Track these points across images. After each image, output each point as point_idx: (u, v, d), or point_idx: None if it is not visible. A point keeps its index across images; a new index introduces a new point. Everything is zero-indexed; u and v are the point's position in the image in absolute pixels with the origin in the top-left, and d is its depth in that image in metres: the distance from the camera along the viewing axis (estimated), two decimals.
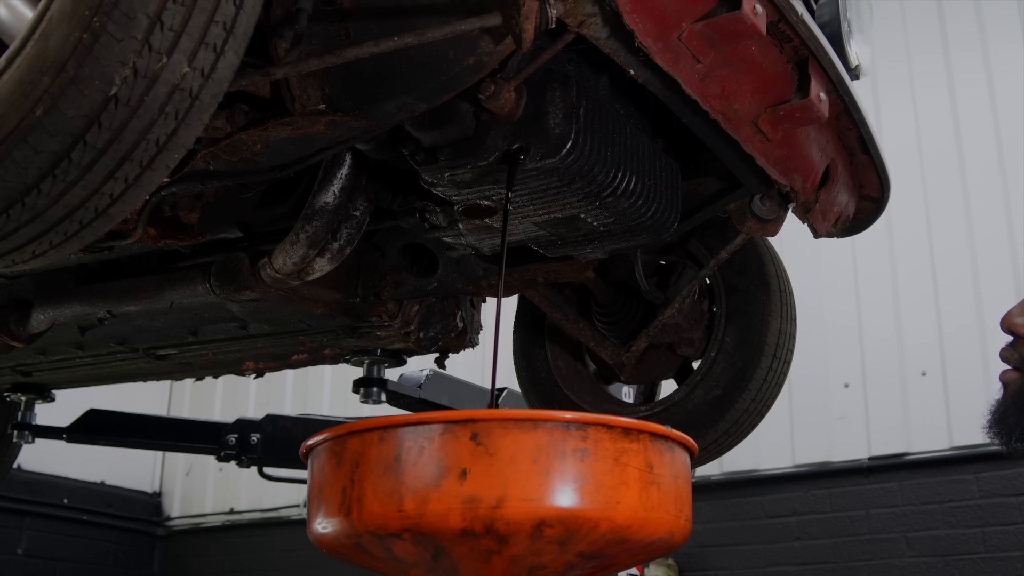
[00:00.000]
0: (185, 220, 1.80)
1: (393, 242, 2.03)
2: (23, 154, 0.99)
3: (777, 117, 1.60)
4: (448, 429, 1.17)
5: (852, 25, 1.85)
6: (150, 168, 1.06)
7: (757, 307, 2.11)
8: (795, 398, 4.96)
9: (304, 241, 1.70)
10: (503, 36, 1.25)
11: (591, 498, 1.17)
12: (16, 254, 1.11)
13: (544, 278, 1.98)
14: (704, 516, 5.07)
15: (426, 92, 1.34)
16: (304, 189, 1.76)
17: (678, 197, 1.77)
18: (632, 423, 1.23)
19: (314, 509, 1.28)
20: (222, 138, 1.44)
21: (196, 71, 1.00)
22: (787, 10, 1.45)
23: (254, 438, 3.13)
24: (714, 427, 2.12)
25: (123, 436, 3.35)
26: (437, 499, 1.15)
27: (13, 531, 6.26)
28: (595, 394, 2.34)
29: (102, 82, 0.96)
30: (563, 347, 2.37)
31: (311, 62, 1.28)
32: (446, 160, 1.53)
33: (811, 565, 4.94)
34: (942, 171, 5.09)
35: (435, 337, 2.22)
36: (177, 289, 1.92)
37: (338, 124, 1.38)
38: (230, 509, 6.96)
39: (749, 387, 2.09)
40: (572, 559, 1.23)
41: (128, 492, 7.06)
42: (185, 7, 0.97)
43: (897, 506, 4.81)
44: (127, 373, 2.57)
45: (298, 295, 1.95)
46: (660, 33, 1.34)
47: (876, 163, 1.92)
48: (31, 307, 2.08)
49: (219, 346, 2.30)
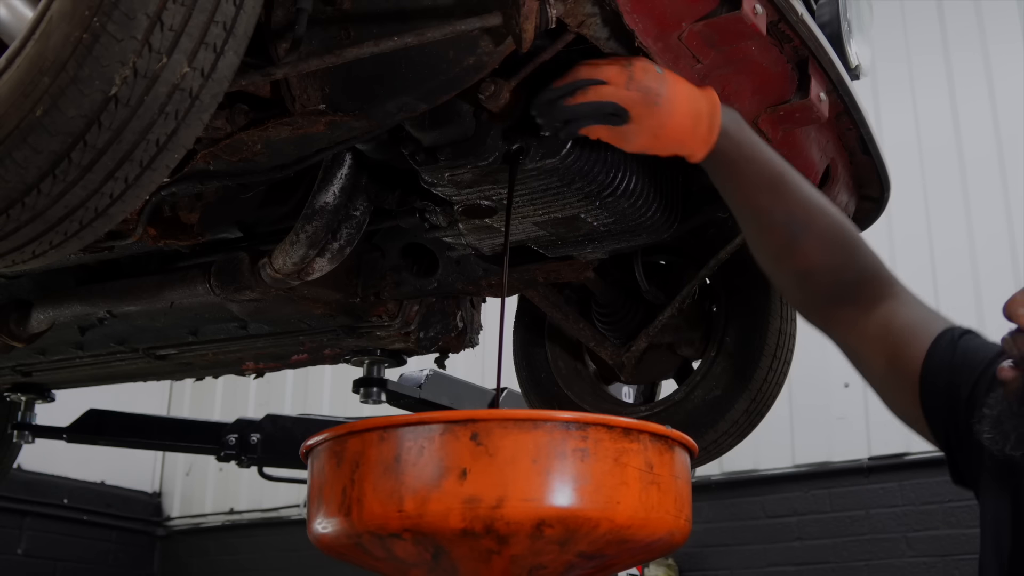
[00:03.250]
0: (185, 220, 1.80)
1: (393, 242, 2.03)
2: (23, 154, 0.99)
3: (777, 117, 1.60)
4: (448, 429, 1.17)
5: (852, 25, 1.85)
6: (150, 168, 1.06)
7: (757, 307, 2.11)
8: (795, 398, 4.96)
9: (304, 241, 1.70)
10: (503, 36, 1.25)
11: (591, 498, 1.18)
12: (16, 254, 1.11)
13: (544, 278, 1.98)
14: (704, 516, 5.07)
15: (426, 92, 1.34)
16: (304, 189, 1.76)
17: (678, 197, 1.77)
18: (632, 423, 1.23)
19: (314, 509, 1.28)
20: (222, 138, 1.44)
21: (196, 71, 1.01)
22: (787, 10, 1.45)
23: (254, 438, 3.13)
24: (714, 427, 2.11)
25: (123, 436, 3.35)
26: (437, 499, 1.15)
27: (13, 531, 6.26)
28: (595, 394, 2.34)
29: (102, 82, 0.96)
30: (563, 347, 2.37)
31: (311, 62, 1.28)
32: (446, 160, 1.53)
33: (811, 565, 4.94)
34: (942, 171, 5.09)
35: (435, 337, 2.22)
36: (177, 289, 1.92)
37: (338, 124, 1.39)
38: (230, 509, 6.96)
39: (749, 387, 2.09)
40: (572, 559, 1.23)
41: (128, 492, 7.07)
42: (185, 7, 0.97)
43: (897, 506, 4.81)
44: (127, 373, 2.57)
45: (298, 295, 1.95)
46: (660, 33, 1.34)
47: (876, 163, 1.92)
48: (31, 307, 2.08)
49: (219, 346, 2.30)
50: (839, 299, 1.41)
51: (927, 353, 1.33)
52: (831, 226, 1.41)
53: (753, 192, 1.41)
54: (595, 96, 1.33)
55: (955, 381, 1.29)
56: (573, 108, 1.35)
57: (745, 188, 1.41)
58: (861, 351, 1.41)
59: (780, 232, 1.41)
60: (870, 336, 1.40)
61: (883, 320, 1.38)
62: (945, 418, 1.31)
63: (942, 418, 1.31)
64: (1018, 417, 1.17)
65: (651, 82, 1.33)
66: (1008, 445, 1.17)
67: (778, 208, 1.40)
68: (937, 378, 1.31)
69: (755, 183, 1.40)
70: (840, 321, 1.43)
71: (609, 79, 1.33)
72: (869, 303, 1.39)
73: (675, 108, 1.34)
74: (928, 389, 1.32)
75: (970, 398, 1.26)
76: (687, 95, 1.35)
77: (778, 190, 1.40)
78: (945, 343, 1.32)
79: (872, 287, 1.40)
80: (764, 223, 1.43)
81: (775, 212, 1.40)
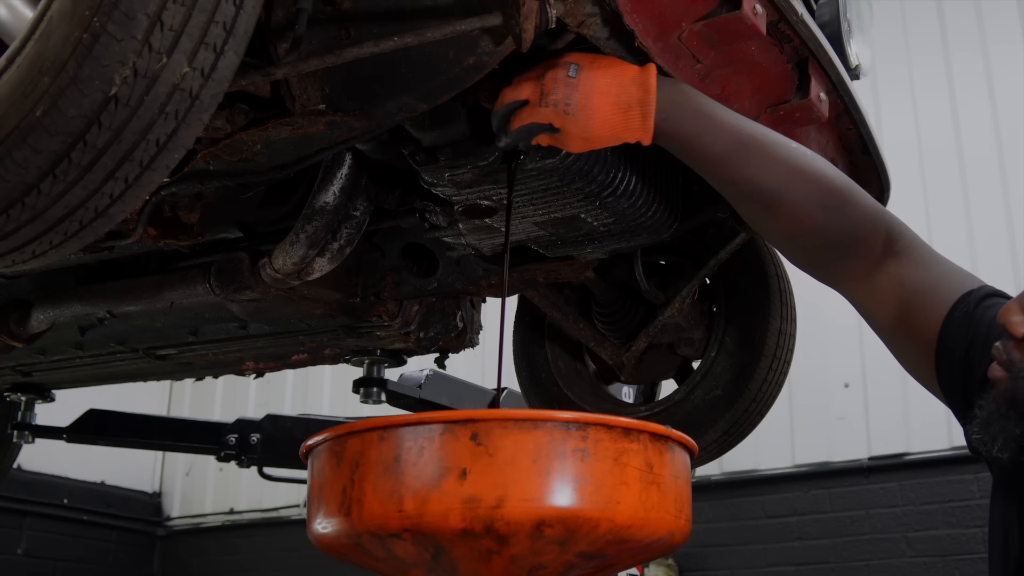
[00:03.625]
0: (185, 220, 1.80)
1: (393, 242, 2.03)
2: (23, 154, 0.99)
3: (777, 117, 1.60)
4: (448, 429, 1.17)
5: (852, 25, 1.84)
6: (150, 168, 1.06)
7: (757, 307, 2.11)
8: (795, 398, 4.96)
9: (304, 241, 1.70)
10: (503, 36, 1.26)
11: (591, 498, 1.18)
12: (16, 254, 1.11)
13: (544, 278, 1.98)
14: (704, 516, 5.07)
15: (426, 92, 1.34)
16: (304, 189, 1.76)
17: (678, 197, 1.77)
18: (632, 423, 1.23)
19: (314, 509, 1.28)
20: (222, 138, 1.44)
21: (196, 71, 1.01)
22: (787, 10, 1.45)
23: (254, 438, 3.13)
24: (714, 427, 2.11)
25: (123, 436, 3.35)
26: (437, 499, 1.15)
27: (13, 531, 6.26)
28: (595, 394, 2.34)
29: (102, 82, 0.96)
30: (563, 347, 2.37)
31: (311, 62, 1.28)
32: (446, 160, 1.53)
33: (811, 565, 4.94)
34: (942, 171, 5.10)
35: (435, 337, 2.22)
36: (177, 289, 1.92)
37: (338, 124, 1.39)
38: (230, 509, 6.96)
39: (749, 387, 2.09)
40: (572, 559, 1.23)
41: (128, 492, 7.07)
42: (185, 7, 0.97)
43: (897, 506, 4.81)
44: (127, 373, 2.57)
45: (298, 295, 1.95)
46: (660, 33, 1.34)
47: (876, 163, 1.92)
48: (31, 307, 2.08)
49: (219, 346, 2.30)
50: (836, 257, 1.36)
51: (943, 324, 1.28)
52: (809, 189, 1.35)
53: (713, 166, 1.36)
54: (519, 121, 1.36)
55: (971, 358, 1.25)
56: (512, 134, 1.37)
57: (704, 163, 1.37)
58: (869, 306, 1.36)
59: (753, 201, 1.37)
60: (877, 293, 1.34)
61: (892, 278, 1.33)
62: (961, 395, 1.27)
63: (959, 393, 1.27)
64: (1005, 419, 1.14)
65: (560, 93, 1.33)
66: (995, 447, 1.15)
67: (743, 178, 1.35)
68: (953, 353, 1.27)
69: (712, 157, 1.35)
70: (843, 277, 1.38)
71: (528, 97, 1.35)
72: (873, 258, 1.34)
73: (594, 110, 1.32)
74: (944, 362, 1.28)
75: (983, 379, 1.21)
76: (609, 91, 1.33)
77: (740, 161, 1.34)
78: (961, 314, 1.27)
79: (871, 244, 1.34)
80: (732, 193, 1.39)
81: (740, 183, 1.36)
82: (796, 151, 1.37)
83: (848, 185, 1.38)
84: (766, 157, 1.35)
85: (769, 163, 1.35)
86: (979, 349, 1.25)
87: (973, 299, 1.28)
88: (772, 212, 1.36)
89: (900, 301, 1.33)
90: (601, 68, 1.34)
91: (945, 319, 1.29)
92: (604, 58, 1.35)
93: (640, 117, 1.33)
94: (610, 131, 1.33)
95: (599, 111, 1.32)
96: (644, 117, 1.33)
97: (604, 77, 1.33)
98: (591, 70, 1.33)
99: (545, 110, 1.33)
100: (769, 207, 1.36)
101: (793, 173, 1.35)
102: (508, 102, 1.36)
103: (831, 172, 1.38)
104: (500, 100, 1.38)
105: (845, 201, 1.36)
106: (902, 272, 1.33)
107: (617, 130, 1.33)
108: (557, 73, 1.34)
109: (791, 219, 1.35)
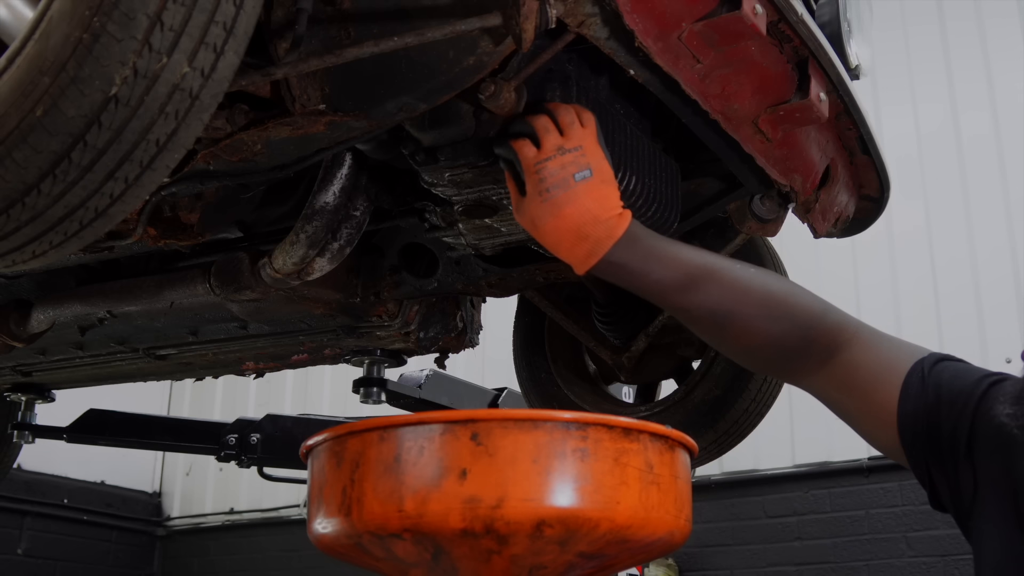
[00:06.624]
0: (185, 220, 1.80)
1: (393, 242, 2.03)
2: (23, 154, 0.99)
3: (777, 117, 1.60)
4: (448, 429, 1.17)
5: (852, 25, 1.85)
6: (150, 168, 1.06)
7: None
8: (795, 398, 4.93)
9: (304, 241, 1.70)
10: (503, 36, 1.25)
11: (591, 498, 1.18)
12: (16, 254, 1.11)
13: (544, 278, 1.98)
14: (704, 516, 5.08)
15: (426, 92, 1.34)
16: (304, 189, 1.76)
17: (678, 197, 1.77)
18: (632, 423, 1.23)
19: (314, 509, 1.28)
20: (222, 138, 1.44)
21: (196, 71, 1.00)
22: (787, 10, 1.45)
23: (254, 438, 3.13)
24: (714, 427, 2.12)
25: (123, 436, 3.35)
26: (437, 499, 1.15)
27: (13, 531, 6.26)
28: (595, 394, 2.34)
29: (102, 82, 0.95)
30: (563, 347, 2.37)
31: (311, 62, 1.28)
32: (446, 160, 1.53)
33: (811, 565, 4.95)
34: (942, 171, 5.10)
35: (435, 337, 2.23)
36: (177, 289, 1.92)
37: (338, 124, 1.38)
38: (230, 509, 6.97)
39: (749, 387, 2.09)
40: (572, 559, 1.23)
41: (128, 492, 7.07)
42: (185, 7, 0.97)
43: (897, 506, 4.82)
44: (127, 373, 2.57)
45: (298, 295, 1.95)
46: (660, 33, 1.34)
47: (876, 163, 1.92)
48: (31, 307, 2.08)
49: (219, 346, 2.30)
50: (793, 359, 1.41)
51: (900, 397, 1.32)
52: (758, 304, 1.39)
53: (664, 296, 1.41)
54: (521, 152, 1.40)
55: (933, 421, 1.28)
56: (505, 147, 1.42)
57: (654, 295, 1.42)
58: (831, 395, 1.41)
59: (706, 323, 1.41)
60: (835, 383, 1.39)
61: (846, 366, 1.37)
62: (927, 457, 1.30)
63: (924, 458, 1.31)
64: None
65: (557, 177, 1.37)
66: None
67: (694, 305, 1.40)
68: (916, 421, 1.30)
69: (662, 290, 1.40)
70: (802, 375, 1.42)
71: (542, 148, 1.39)
72: (826, 354, 1.38)
73: (560, 216, 1.37)
74: (907, 433, 1.31)
75: (953, 434, 1.26)
76: (585, 212, 1.37)
77: (689, 290, 1.39)
78: (915, 382, 1.31)
79: (823, 342, 1.38)
80: (686, 318, 1.43)
81: (692, 309, 1.40)
82: (741, 272, 1.43)
83: (792, 293, 1.43)
84: (713, 283, 1.40)
85: (716, 288, 1.40)
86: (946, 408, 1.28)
87: (926, 365, 1.33)
88: (726, 331, 1.41)
89: (857, 385, 1.37)
90: (595, 188, 1.38)
91: (901, 390, 1.33)
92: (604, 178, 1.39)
93: (585, 254, 1.38)
94: (555, 241, 1.39)
95: (562, 220, 1.37)
96: (589, 256, 1.38)
97: (590, 199, 1.37)
98: (588, 183, 1.38)
99: (536, 172, 1.38)
100: (724, 327, 1.41)
101: (741, 293, 1.40)
102: (533, 132, 1.40)
103: (775, 284, 1.44)
104: (534, 124, 1.40)
105: (792, 308, 1.40)
106: (854, 359, 1.37)
107: (561, 245, 1.39)
108: (578, 159, 1.38)
109: (745, 335, 1.40)
